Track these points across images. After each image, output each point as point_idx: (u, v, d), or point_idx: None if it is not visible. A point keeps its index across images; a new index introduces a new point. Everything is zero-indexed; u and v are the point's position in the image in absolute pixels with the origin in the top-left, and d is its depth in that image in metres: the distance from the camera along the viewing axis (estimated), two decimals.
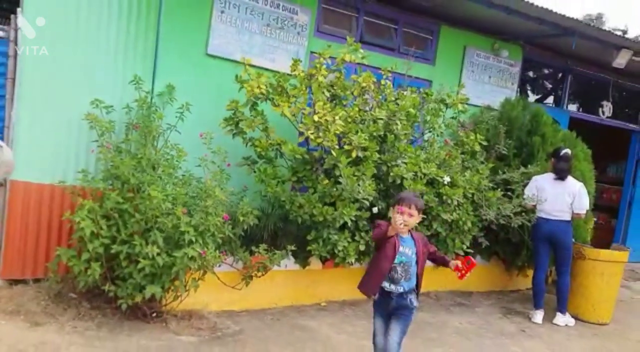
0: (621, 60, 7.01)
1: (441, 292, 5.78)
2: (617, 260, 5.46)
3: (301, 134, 4.54)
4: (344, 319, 4.65)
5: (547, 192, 5.22)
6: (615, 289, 5.51)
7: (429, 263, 3.37)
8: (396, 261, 3.11)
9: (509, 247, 5.98)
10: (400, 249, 3.13)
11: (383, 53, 5.98)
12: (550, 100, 8.15)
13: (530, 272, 5.79)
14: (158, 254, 3.62)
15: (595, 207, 10.01)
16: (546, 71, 8.07)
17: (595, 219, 6.84)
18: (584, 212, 5.24)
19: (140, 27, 4.63)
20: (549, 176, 5.30)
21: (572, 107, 8.30)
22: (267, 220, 4.84)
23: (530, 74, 7.65)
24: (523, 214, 5.33)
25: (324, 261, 4.93)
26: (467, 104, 6.52)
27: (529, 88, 7.60)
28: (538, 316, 5.25)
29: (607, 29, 8.03)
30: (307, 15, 5.43)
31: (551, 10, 6.10)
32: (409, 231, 3.19)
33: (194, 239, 3.72)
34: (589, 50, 7.16)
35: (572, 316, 5.40)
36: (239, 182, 4.78)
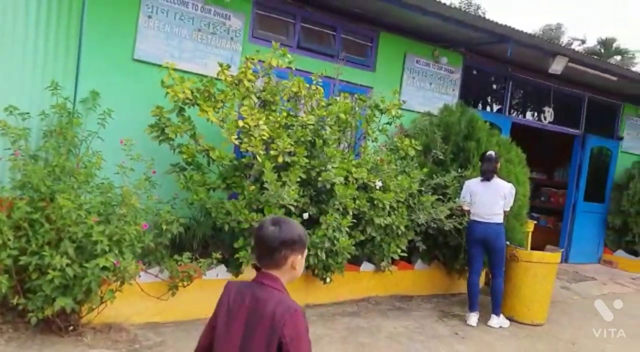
0: (557, 66, 7.20)
1: (381, 297, 5.77)
2: (550, 261, 5.55)
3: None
4: None
5: (479, 195, 5.28)
6: (548, 289, 5.59)
7: None
8: None
9: (448, 251, 6.03)
10: None
11: (322, 59, 5.98)
12: (493, 106, 8.30)
13: None
14: (68, 265, 3.49)
15: (543, 210, 10.33)
16: (488, 78, 8.22)
17: (536, 222, 6.94)
18: (506, 207, 5.29)
19: (61, 31, 4.52)
20: (478, 178, 5.38)
21: (514, 113, 8.48)
22: (197, 228, 4.77)
23: (472, 80, 7.77)
24: (454, 217, 5.38)
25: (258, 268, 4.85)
26: (408, 110, 6.65)
27: (471, 94, 7.71)
28: (472, 318, 5.29)
29: (567, 38, 8.23)
30: (240, 20, 5.39)
31: (484, 18, 6.23)
32: None
33: (107, 249, 3.60)
34: (528, 57, 7.34)
35: (508, 318, 5.46)
36: (171, 190, 4.69)
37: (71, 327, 3.84)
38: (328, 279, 5.02)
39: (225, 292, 1.83)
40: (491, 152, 5.37)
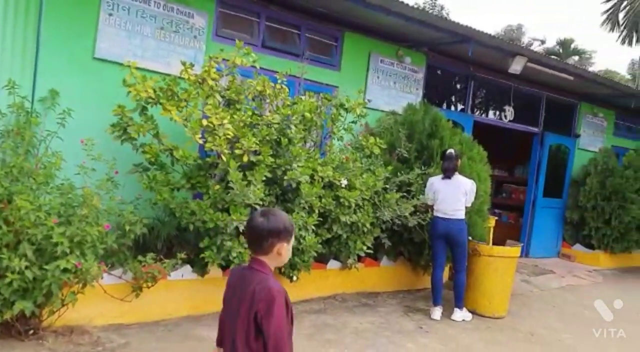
0: (516, 66, 7.41)
1: (348, 294, 5.84)
2: (510, 255, 5.72)
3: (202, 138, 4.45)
4: None
5: (442, 192, 5.41)
6: (509, 283, 5.77)
7: None
8: None
9: (413, 247, 6.13)
10: None
11: (287, 58, 5.99)
12: (455, 105, 8.47)
13: None
14: (27, 268, 3.42)
15: (505, 206, 10.62)
16: (450, 77, 8.39)
17: (497, 218, 7.14)
18: (468, 203, 5.44)
19: (19, 28, 4.41)
20: (440, 176, 5.51)
21: (476, 112, 8.68)
22: (161, 229, 4.73)
23: (436, 80, 7.91)
24: (418, 213, 5.50)
25: (224, 268, 4.84)
26: (373, 109, 6.74)
27: (434, 94, 7.86)
28: (436, 312, 5.41)
29: (527, 39, 8.45)
30: (203, 18, 5.36)
31: (446, 19, 6.37)
32: None
33: (68, 251, 3.54)
34: (489, 57, 7.52)
35: (470, 311, 5.61)
36: (134, 190, 4.63)
37: (31, 331, 3.76)
38: (295, 278, 5.05)
39: (230, 275, 2.17)
40: (451, 151, 5.51)
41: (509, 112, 8.79)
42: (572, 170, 9.82)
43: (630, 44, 22.69)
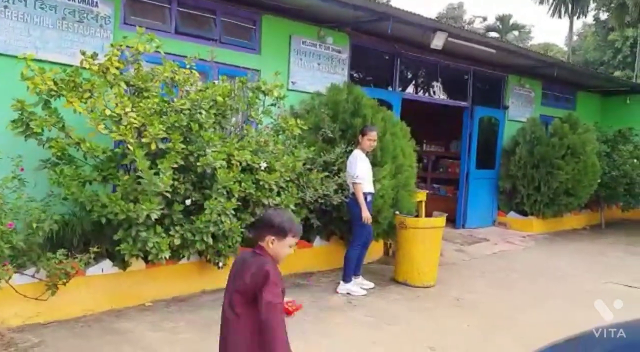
0: (438, 41, 7.54)
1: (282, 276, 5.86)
2: (435, 226, 5.89)
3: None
4: (166, 316, 4.54)
5: None
6: (436, 252, 5.94)
7: None
8: None
9: (343, 225, 6.21)
10: None
11: (203, 44, 5.89)
12: (383, 83, 8.56)
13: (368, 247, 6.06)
14: None
15: (443, 180, 10.89)
16: (376, 56, 8.44)
17: (429, 192, 7.34)
18: (353, 179, 5.41)
19: None
20: None
21: (404, 89, 8.80)
22: (76, 224, 4.62)
23: (361, 59, 7.97)
24: (341, 191, 5.58)
25: (146, 260, 4.78)
26: (298, 90, 6.76)
27: (360, 73, 7.93)
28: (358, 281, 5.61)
29: (469, 16, 8.54)
30: (109, 7, 5.20)
31: None
32: None
33: None
34: (411, 34, 7.63)
35: (402, 283, 5.79)
36: (48, 187, 4.49)
37: None
38: (221, 264, 5.05)
39: (237, 257, 2.57)
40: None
41: (438, 88, 8.99)
42: (503, 141, 10.15)
43: (559, 16, 23.53)
